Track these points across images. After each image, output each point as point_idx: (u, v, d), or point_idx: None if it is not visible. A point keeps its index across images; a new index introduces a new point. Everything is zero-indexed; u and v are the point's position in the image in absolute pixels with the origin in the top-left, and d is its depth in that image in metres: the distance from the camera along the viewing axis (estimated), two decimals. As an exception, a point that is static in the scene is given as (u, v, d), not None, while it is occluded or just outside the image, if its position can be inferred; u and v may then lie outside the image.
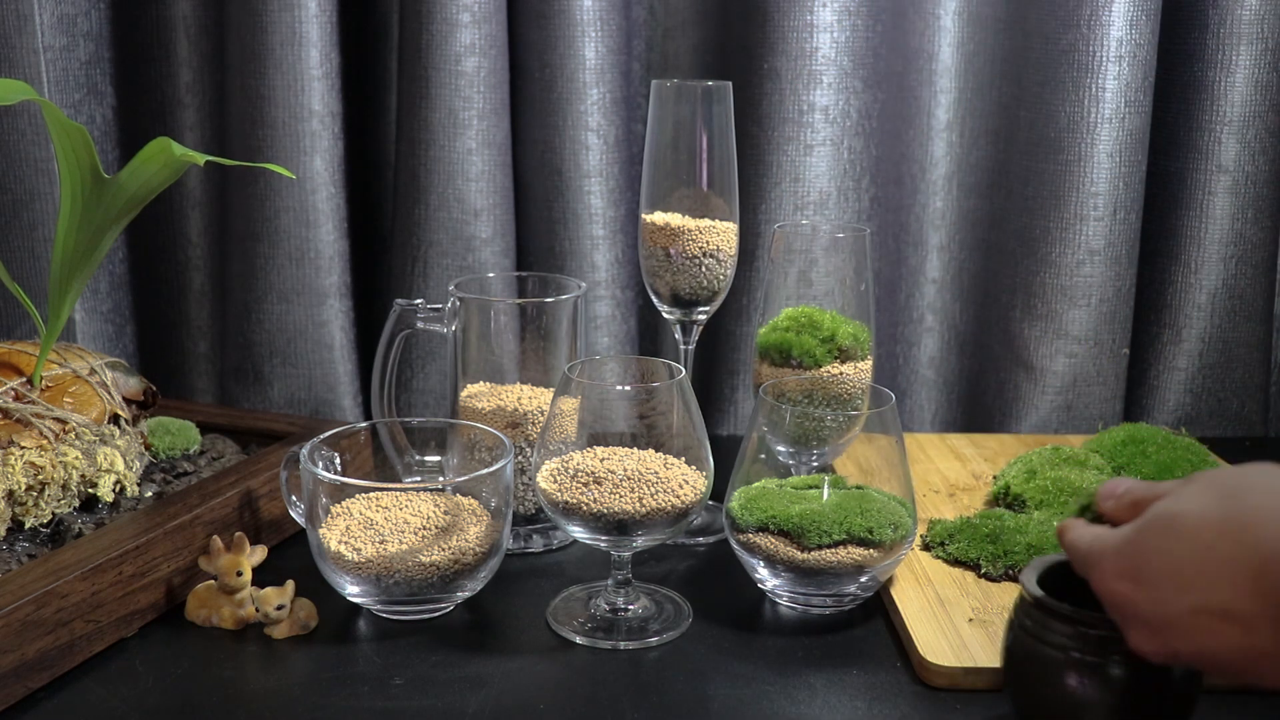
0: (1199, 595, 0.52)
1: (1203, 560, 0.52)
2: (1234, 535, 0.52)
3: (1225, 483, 0.54)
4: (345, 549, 0.78)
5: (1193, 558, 0.53)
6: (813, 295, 0.94)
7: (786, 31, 1.10)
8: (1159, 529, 0.55)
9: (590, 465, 0.77)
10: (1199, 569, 0.52)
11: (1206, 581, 0.52)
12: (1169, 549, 0.54)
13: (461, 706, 0.70)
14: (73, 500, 0.83)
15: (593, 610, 0.82)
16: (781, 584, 0.81)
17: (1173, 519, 0.54)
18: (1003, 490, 0.97)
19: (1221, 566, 0.52)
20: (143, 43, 1.17)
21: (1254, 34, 1.10)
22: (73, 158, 0.79)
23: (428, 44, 1.08)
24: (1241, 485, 0.54)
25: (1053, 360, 1.17)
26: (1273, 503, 0.52)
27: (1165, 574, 0.54)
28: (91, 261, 0.84)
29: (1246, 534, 0.51)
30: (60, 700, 0.70)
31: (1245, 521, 0.52)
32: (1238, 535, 0.52)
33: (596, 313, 1.17)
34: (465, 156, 1.11)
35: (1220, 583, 0.52)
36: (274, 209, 1.12)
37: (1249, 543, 0.51)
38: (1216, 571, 0.52)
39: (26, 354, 0.86)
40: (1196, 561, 0.52)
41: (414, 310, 0.92)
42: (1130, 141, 1.11)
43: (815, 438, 0.85)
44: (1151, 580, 0.54)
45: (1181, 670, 0.62)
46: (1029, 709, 0.66)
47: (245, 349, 1.16)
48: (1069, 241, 1.13)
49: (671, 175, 0.91)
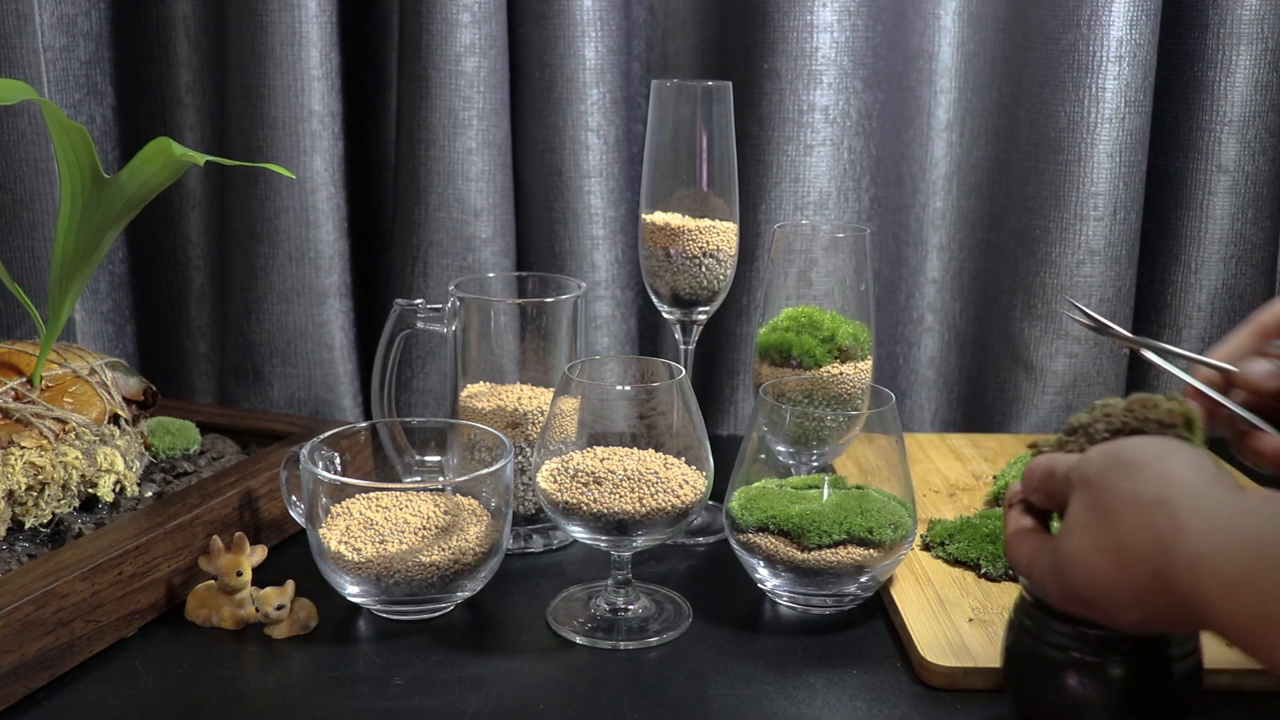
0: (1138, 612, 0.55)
1: (1120, 588, 0.55)
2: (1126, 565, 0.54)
3: (1099, 503, 0.56)
4: (345, 549, 0.78)
5: (1113, 588, 0.55)
6: (813, 295, 0.94)
7: (786, 31, 1.10)
8: (1071, 569, 0.57)
9: (590, 465, 0.77)
10: (1126, 593, 0.55)
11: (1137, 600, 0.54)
12: (1092, 583, 0.56)
13: (461, 706, 0.70)
14: (73, 500, 0.83)
15: (593, 610, 0.82)
16: (781, 584, 0.81)
17: (1076, 559, 0.57)
18: (1003, 490, 0.97)
19: (1135, 590, 0.54)
20: (143, 43, 1.17)
21: (1254, 34, 1.10)
22: (73, 158, 0.79)
23: (428, 44, 1.08)
24: (1113, 507, 0.55)
25: (1053, 360, 1.17)
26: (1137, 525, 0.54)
27: (1105, 601, 0.56)
28: (91, 261, 0.84)
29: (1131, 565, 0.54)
30: (60, 700, 0.70)
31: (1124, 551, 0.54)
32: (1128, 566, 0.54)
33: (596, 313, 1.17)
34: (465, 156, 1.11)
35: (1145, 600, 0.54)
36: (274, 209, 1.12)
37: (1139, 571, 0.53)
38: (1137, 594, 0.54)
39: (26, 354, 0.86)
40: (1118, 589, 0.55)
41: (414, 310, 0.92)
42: (1130, 141, 1.11)
43: (815, 438, 0.85)
44: (1097, 605, 0.57)
45: (1181, 670, 0.62)
46: (1029, 709, 0.66)
47: (245, 349, 1.16)
48: (1069, 241, 1.14)
49: (671, 175, 0.91)
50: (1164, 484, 0.54)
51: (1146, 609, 0.54)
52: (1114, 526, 0.54)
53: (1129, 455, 0.56)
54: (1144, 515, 0.53)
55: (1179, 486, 0.53)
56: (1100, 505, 0.56)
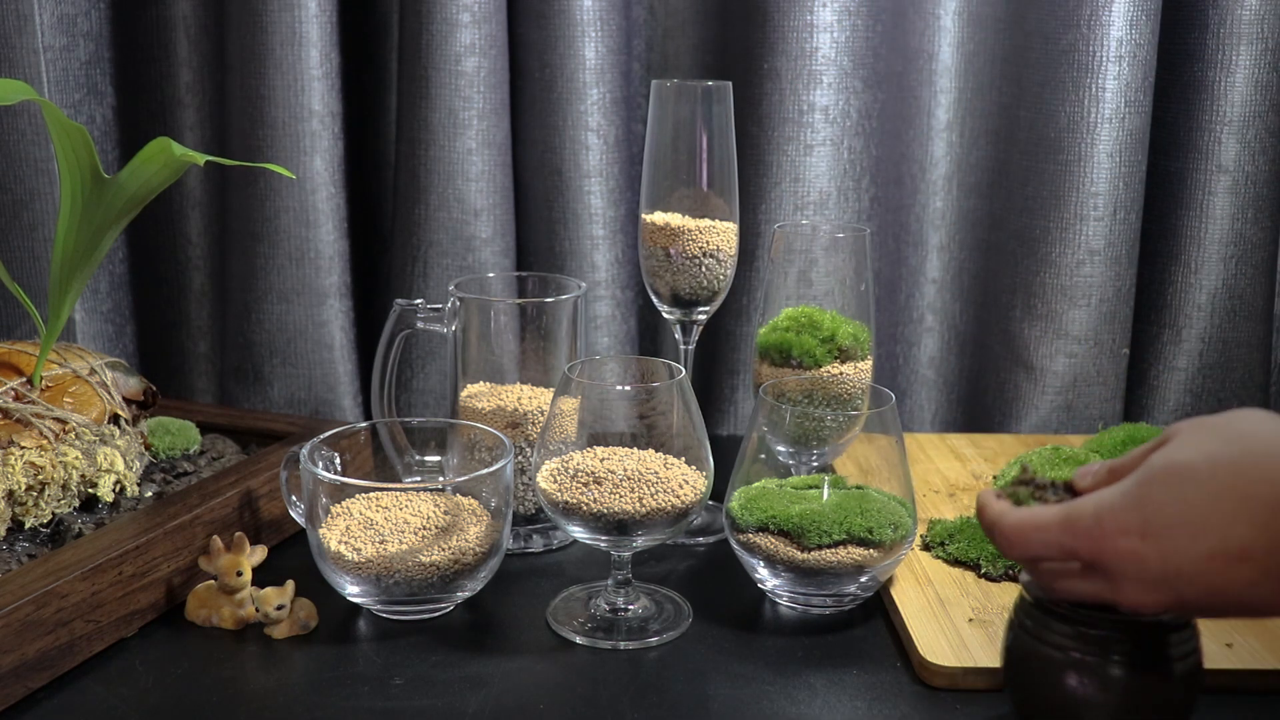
0: (1215, 539, 0.53)
1: (1219, 503, 0.53)
2: (1249, 474, 0.53)
3: (1224, 429, 0.55)
4: (345, 549, 0.78)
5: (1209, 502, 0.53)
6: (813, 295, 0.94)
7: (786, 31, 1.10)
8: (1166, 479, 0.55)
9: (590, 465, 0.77)
10: (1215, 512, 0.53)
11: (1223, 523, 0.53)
12: (1181, 496, 0.54)
13: (461, 706, 0.70)
14: (73, 500, 0.83)
15: (593, 610, 0.82)
16: (781, 584, 0.81)
17: (1181, 468, 0.55)
18: (1003, 490, 0.97)
19: (1239, 507, 0.53)
20: (143, 43, 1.17)
21: (1254, 34, 1.10)
22: (73, 158, 0.79)
23: (428, 44, 1.09)
24: (1242, 430, 0.55)
25: (1053, 360, 1.17)
26: (1272, 439, 0.53)
27: (1178, 522, 0.54)
28: (91, 261, 0.84)
29: (1260, 472, 0.53)
30: (60, 700, 0.70)
31: (1257, 460, 0.53)
32: (1252, 474, 0.53)
33: (596, 313, 1.17)
34: (465, 156, 1.11)
35: (1238, 524, 0.53)
36: (274, 209, 1.12)
37: (1263, 479, 0.52)
38: (1234, 513, 0.53)
39: (26, 354, 0.86)
40: (1212, 505, 0.53)
41: (414, 310, 0.92)
42: (1130, 141, 1.11)
43: (815, 438, 0.85)
44: (1161, 531, 0.55)
45: (1181, 670, 0.62)
46: (1029, 709, 0.66)
47: (245, 349, 1.16)
48: (1069, 241, 1.13)
49: (671, 175, 0.91)
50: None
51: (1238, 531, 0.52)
52: (1245, 441, 0.54)
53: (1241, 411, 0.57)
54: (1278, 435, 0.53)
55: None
56: (1224, 429, 0.55)
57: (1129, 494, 0.56)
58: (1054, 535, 0.58)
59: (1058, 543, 0.58)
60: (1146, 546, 0.55)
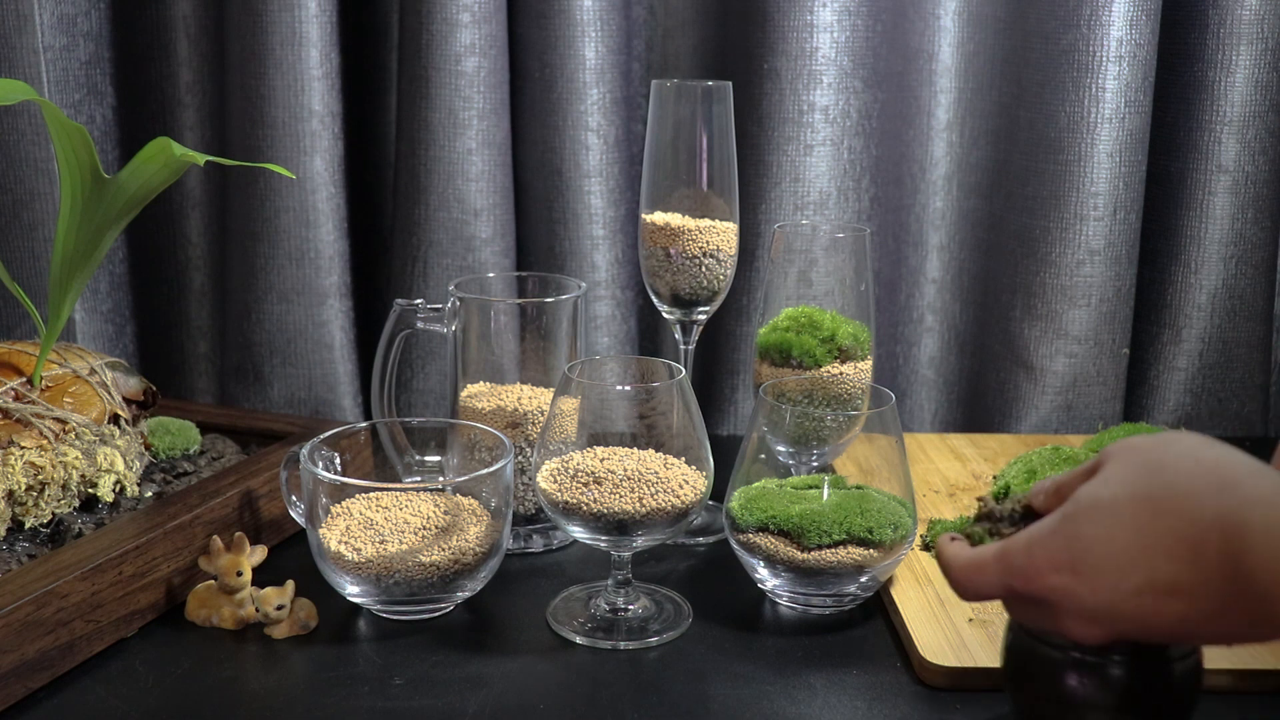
0: (1143, 575, 0.53)
1: (1142, 539, 0.53)
2: (1168, 510, 0.53)
3: (1149, 460, 0.55)
4: (345, 549, 0.78)
5: (1132, 539, 0.54)
6: (813, 295, 0.94)
7: (786, 31, 1.10)
8: (1092, 515, 0.55)
9: (590, 465, 0.77)
10: (1140, 549, 0.53)
11: (1149, 560, 0.53)
12: (1108, 534, 0.54)
13: (461, 706, 0.70)
14: (73, 500, 0.83)
15: (593, 610, 0.82)
16: (781, 584, 0.81)
17: (1106, 504, 0.55)
18: (1003, 490, 0.97)
19: (1160, 543, 0.53)
20: (143, 43, 1.17)
21: (1254, 34, 1.10)
22: (73, 158, 0.79)
23: (428, 44, 1.09)
24: (1164, 462, 0.54)
25: (1053, 360, 1.17)
26: (1195, 472, 0.53)
27: (1105, 558, 0.54)
28: (91, 261, 0.84)
29: (1179, 507, 0.53)
30: (60, 700, 0.70)
31: (1174, 496, 0.53)
32: (1171, 510, 0.53)
33: (596, 313, 1.18)
34: (465, 156, 1.11)
35: (1161, 559, 0.53)
36: (274, 209, 1.12)
37: (1184, 516, 0.52)
38: (1156, 548, 0.53)
39: (26, 354, 0.86)
40: (1137, 542, 0.53)
41: (414, 310, 0.92)
42: (1130, 141, 1.11)
43: (815, 438, 0.85)
44: (1092, 567, 0.55)
45: (1181, 670, 0.62)
46: (1029, 709, 0.66)
47: (245, 349, 1.16)
48: (1069, 241, 1.14)
49: (671, 175, 0.91)
50: (1220, 448, 0.54)
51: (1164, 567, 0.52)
52: (1166, 475, 0.53)
53: (1173, 435, 0.56)
54: (1203, 467, 0.53)
55: (1235, 453, 0.54)
56: (1149, 461, 0.55)
57: (1058, 531, 0.56)
58: (993, 575, 0.59)
59: (998, 581, 0.59)
60: (1078, 583, 0.55)
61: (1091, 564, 0.55)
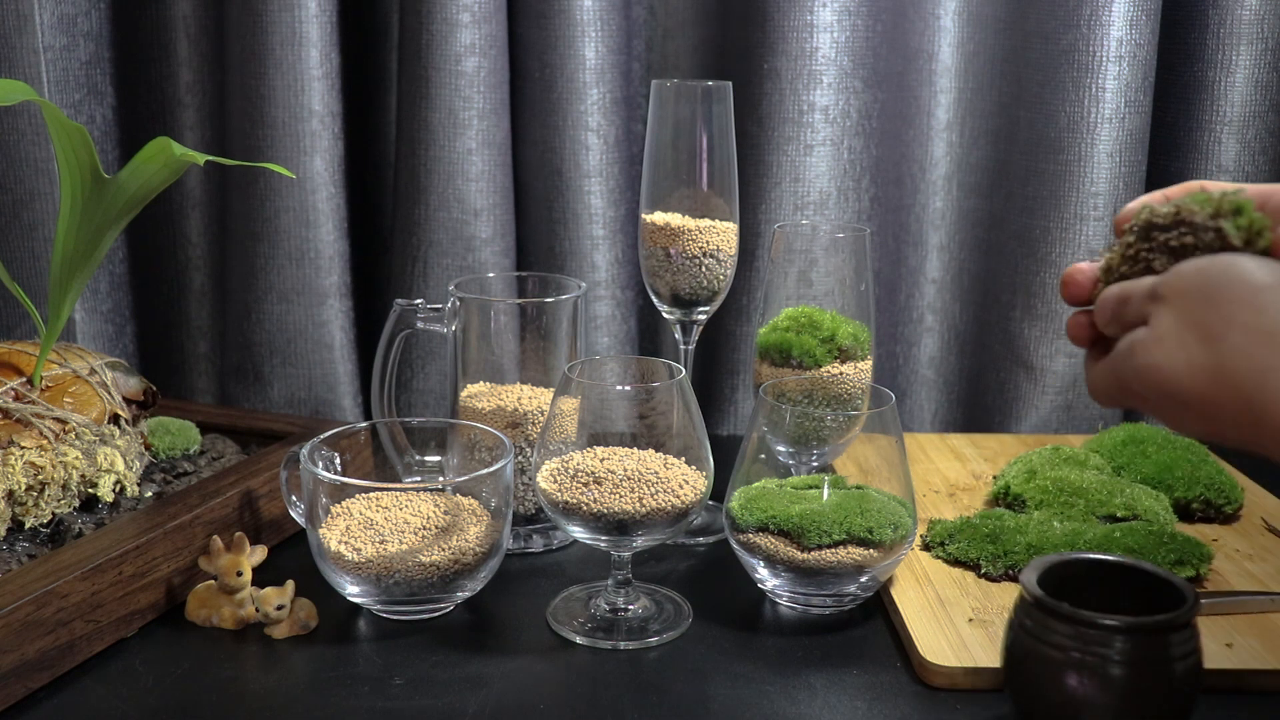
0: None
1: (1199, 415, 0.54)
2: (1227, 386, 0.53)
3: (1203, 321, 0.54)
4: (345, 549, 0.78)
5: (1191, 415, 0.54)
6: (813, 295, 0.94)
7: (786, 31, 1.10)
8: (1144, 381, 0.56)
9: (590, 465, 0.77)
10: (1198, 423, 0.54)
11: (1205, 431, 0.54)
12: (1158, 404, 0.55)
13: (461, 706, 0.70)
14: (73, 500, 0.83)
15: (593, 610, 0.82)
16: (781, 584, 0.81)
17: (1156, 373, 0.55)
18: (1003, 490, 0.97)
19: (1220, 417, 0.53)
20: (143, 43, 1.17)
21: (1254, 34, 1.10)
22: (73, 158, 0.79)
23: (428, 44, 1.09)
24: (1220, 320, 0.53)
25: (1053, 360, 1.17)
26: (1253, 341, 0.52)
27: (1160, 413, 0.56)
28: (91, 261, 0.84)
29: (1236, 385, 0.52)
30: (60, 700, 0.70)
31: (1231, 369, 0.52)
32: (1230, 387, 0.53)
33: (596, 313, 1.18)
34: (465, 156, 1.11)
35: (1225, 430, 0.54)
36: (274, 209, 1.12)
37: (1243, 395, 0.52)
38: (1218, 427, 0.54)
39: (26, 354, 0.86)
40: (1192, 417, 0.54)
41: (414, 310, 0.92)
42: (1130, 141, 1.11)
43: (815, 438, 0.85)
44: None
45: (1181, 670, 0.62)
46: (1029, 709, 0.66)
47: (245, 349, 1.16)
48: (1069, 241, 1.14)
49: (671, 175, 0.91)
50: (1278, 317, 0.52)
51: (1218, 425, 0.53)
52: (1217, 347, 0.53)
53: (1243, 276, 0.54)
54: (1252, 344, 0.52)
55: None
56: (1203, 323, 0.54)
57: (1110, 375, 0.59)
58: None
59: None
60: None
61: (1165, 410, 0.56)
